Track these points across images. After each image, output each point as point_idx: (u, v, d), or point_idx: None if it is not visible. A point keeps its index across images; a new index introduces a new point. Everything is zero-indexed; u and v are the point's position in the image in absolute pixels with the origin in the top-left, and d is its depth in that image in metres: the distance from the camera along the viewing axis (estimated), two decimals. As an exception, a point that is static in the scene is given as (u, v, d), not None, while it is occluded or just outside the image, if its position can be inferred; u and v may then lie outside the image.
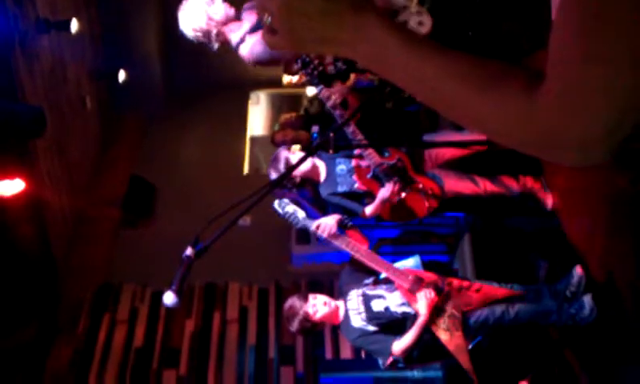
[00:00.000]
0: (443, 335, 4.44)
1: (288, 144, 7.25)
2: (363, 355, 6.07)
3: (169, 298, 2.72)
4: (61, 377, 6.63)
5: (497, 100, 0.89)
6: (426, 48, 0.94)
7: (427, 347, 4.49)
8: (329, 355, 6.49)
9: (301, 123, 7.87)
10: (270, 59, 4.88)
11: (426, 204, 5.03)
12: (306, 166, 4.97)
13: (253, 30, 4.84)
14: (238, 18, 4.75)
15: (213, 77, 9.45)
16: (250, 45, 4.73)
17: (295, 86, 8.11)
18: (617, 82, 0.77)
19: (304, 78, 5.08)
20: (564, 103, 0.81)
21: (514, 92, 0.87)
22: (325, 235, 4.63)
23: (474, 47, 4.03)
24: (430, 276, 4.63)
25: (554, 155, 0.89)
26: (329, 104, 5.00)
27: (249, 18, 4.82)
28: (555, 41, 0.82)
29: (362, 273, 4.72)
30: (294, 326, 4.65)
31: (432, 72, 0.92)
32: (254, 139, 9.81)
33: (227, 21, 4.65)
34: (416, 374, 5.67)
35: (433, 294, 4.45)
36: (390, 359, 4.49)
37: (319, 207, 5.39)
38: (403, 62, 0.94)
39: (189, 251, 2.74)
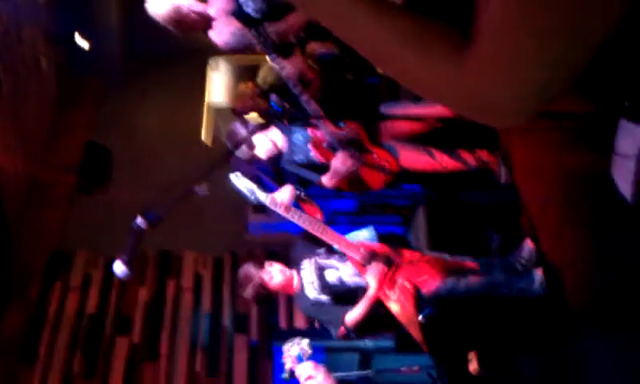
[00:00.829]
0: (394, 306, 4.46)
1: (248, 111, 7.22)
2: (317, 325, 6.10)
3: (118, 267, 2.70)
4: (12, 342, 6.56)
5: (425, 57, 0.90)
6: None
7: (378, 318, 4.52)
8: (283, 324, 6.53)
9: (259, 92, 7.81)
10: (240, 45, 4.88)
11: (382, 176, 5.04)
12: (266, 149, 4.97)
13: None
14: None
15: (172, 43, 9.28)
16: (218, 30, 4.73)
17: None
18: (540, 54, 0.80)
19: (259, 47, 5.05)
20: (490, 69, 0.83)
21: (443, 52, 0.88)
22: (278, 209, 4.63)
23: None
24: (382, 248, 4.65)
25: (478, 116, 0.91)
26: (283, 74, 4.98)
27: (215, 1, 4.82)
28: (492, 5, 0.83)
29: (315, 244, 4.73)
30: (249, 292, 4.63)
31: (362, 18, 0.92)
32: (212, 106, 9.72)
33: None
34: (368, 343, 5.72)
35: (382, 267, 4.47)
36: (342, 330, 4.52)
37: (278, 180, 5.38)
38: (340, 11, 0.94)
39: (139, 220, 2.71)
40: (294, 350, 4.83)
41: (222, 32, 4.61)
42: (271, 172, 5.48)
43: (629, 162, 3.36)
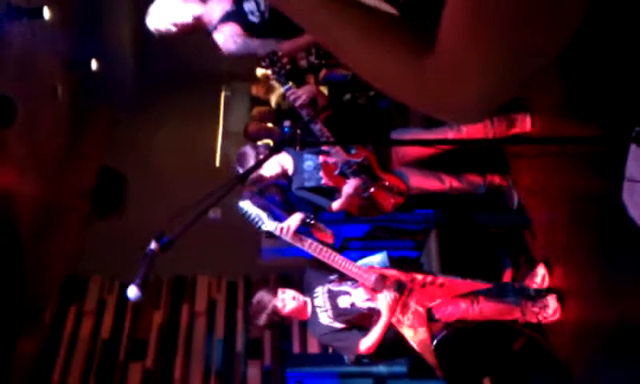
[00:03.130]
0: (407, 332, 4.47)
1: (261, 137, 7.27)
2: (330, 350, 6.10)
3: (132, 291, 2.72)
4: (26, 368, 6.58)
5: (388, 56, 0.94)
6: None
7: (392, 344, 4.52)
8: (296, 350, 6.52)
9: (273, 117, 7.87)
10: (243, 54, 4.93)
11: (392, 200, 5.06)
12: (273, 170, 5.00)
13: (224, 19, 4.87)
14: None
15: (186, 68, 9.41)
16: (224, 36, 4.78)
17: (265, 93, 8.12)
18: (491, 61, 0.85)
19: (273, 76, 5.11)
20: (446, 72, 0.89)
21: (404, 51, 0.93)
22: (286, 238, 4.66)
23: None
24: (393, 274, 4.65)
25: (435, 113, 0.98)
26: (296, 104, 5.03)
27: (219, 3, 4.87)
28: (449, 8, 0.87)
29: (327, 269, 4.74)
30: (262, 319, 4.61)
31: (326, 17, 0.96)
32: (226, 132, 9.79)
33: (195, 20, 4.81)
34: (381, 368, 5.72)
35: (394, 294, 4.48)
36: (356, 355, 4.52)
37: (287, 210, 5.40)
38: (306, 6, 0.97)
39: (153, 245, 2.74)
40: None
41: (228, 38, 4.70)
42: (280, 202, 5.51)
43: (639, 187, 3.36)
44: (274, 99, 8.02)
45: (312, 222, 4.77)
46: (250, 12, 4.85)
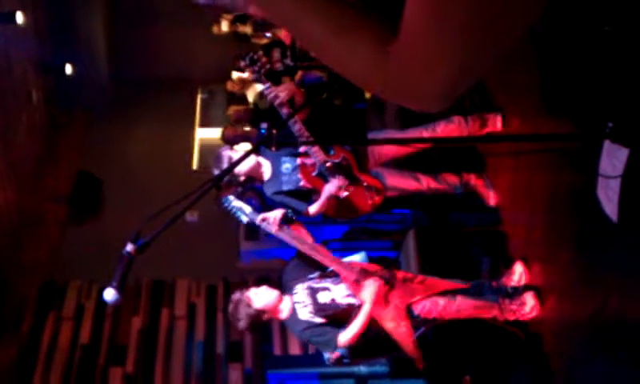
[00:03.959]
0: (389, 325, 4.48)
1: (238, 140, 7.27)
2: (311, 351, 6.11)
3: (109, 294, 2.71)
4: (6, 375, 6.53)
5: (352, 46, 0.95)
6: None
7: (373, 341, 4.53)
8: (277, 352, 6.51)
9: (250, 116, 7.87)
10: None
11: (370, 201, 5.08)
12: (249, 164, 4.99)
13: None
14: None
15: (161, 71, 9.40)
16: None
17: (240, 88, 8.13)
18: (454, 47, 0.86)
19: (252, 75, 5.11)
20: (409, 60, 0.90)
21: (367, 41, 0.94)
22: (271, 228, 4.63)
23: None
24: (374, 267, 4.68)
25: (400, 101, 0.99)
26: (275, 102, 5.03)
27: None
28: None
29: (307, 267, 4.73)
30: (240, 316, 4.57)
31: (292, 7, 0.97)
32: (203, 134, 9.78)
33: None
34: (362, 369, 5.73)
35: (378, 282, 4.49)
36: (337, 353, 4.50)
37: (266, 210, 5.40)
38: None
39: (129, 247, 2.73)
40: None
41: None
42: (258, 206, 5.50)
43: (613, 183, 3.41)
44: (251, 96, 8.02)
45: (293, 218, 4.76)
46: None
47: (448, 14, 0.83)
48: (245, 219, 4.71)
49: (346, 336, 4.39)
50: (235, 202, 4.72)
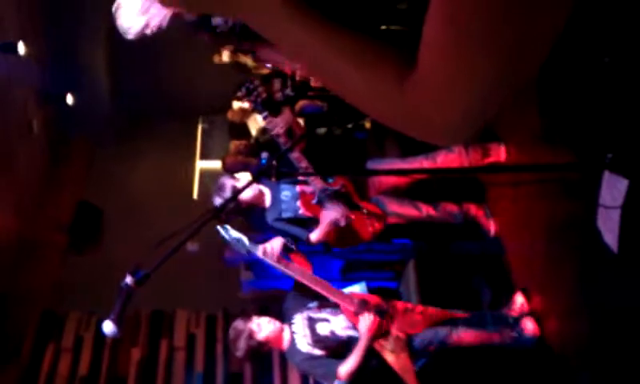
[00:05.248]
0: (389, 356, 4.45)
1: (239, 169, 7.27)
2: (311, 382, 6.05)
3: (108, 326, 2.71)
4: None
5: (370, 80, 0.94)
6: (310, 18, 0.95)
7: (373, 372, 4.50)
8: (277, 383, 6.47)
9: (250, 151, 7.88)
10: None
11: (371, 229, 5.07)
12: (251, 193, 4.99)
13: None
14: None
15: (163, 101, 9.42)
16: None
17: (242, 118, 8.14)
18: (471, 82, 0.85)
19: (250, 105, 5.13)
20: (427, 93, 0.88)
21: (386, 74, 0.92)
22: (270, 260, 4.62)
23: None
24: (374, 298, 4.66)
25: (418, 135, 0.96)
26: (272, 133, 5.05)
27: None
28: (429, 27, 0.86)
29: (306, 297, 4.72)
30: (240, 346, 4.55)
31: (311, 42, 0.95)
32: (203, 164, 9.79)
33: None
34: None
35: (374, 317, 4.47)
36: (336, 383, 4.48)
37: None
38: (291, 32, 0.96)
39: (128, 280, 2.72)
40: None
41: None
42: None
43: (613, 213, 3.41)
44: (253, 129, 8.03)
45: (293, 247, 4.75)
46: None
47: (470, 35, 0.81)
48: (244, 250, 4.70)
49: (345, 369, 4.37)
50: (234, 232, 4.70)
